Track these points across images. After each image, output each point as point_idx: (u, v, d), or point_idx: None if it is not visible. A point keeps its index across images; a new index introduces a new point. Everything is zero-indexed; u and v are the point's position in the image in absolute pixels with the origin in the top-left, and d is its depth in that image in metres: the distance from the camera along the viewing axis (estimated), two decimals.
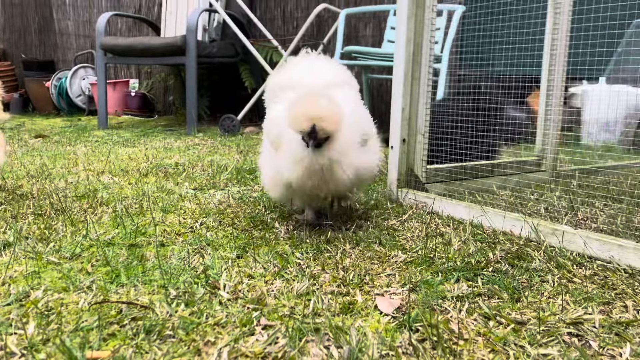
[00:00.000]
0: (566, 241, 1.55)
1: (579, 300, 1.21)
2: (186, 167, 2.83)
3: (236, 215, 1.88)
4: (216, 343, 1.01)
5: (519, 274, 1.36)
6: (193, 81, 4.56)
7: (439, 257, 1.48)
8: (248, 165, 2.88)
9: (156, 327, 1.05)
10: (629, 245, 1.42)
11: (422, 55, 2.08)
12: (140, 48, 4.72)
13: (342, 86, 1.75)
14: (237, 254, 1.48)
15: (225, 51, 5.17)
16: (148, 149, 3.60)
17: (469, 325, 1.09)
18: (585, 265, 1.42)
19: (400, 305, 1.17)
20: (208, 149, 3.59)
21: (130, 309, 1.14)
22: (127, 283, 1.28)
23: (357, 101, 1.79)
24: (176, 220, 1.81)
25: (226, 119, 4.60)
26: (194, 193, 2.22)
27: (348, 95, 1.72)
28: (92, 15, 7.16)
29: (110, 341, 1.02)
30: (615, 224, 1.76)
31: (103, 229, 1.70)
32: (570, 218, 1.82)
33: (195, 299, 1.19)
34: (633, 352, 0.99)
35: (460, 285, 1.29)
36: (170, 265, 1.38)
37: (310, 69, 1.75)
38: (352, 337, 1.02)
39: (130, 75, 6.96)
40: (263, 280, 1.31)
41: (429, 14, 2.05)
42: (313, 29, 5.38)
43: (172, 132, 4.72)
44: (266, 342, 1.01)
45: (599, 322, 1.10)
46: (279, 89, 1.74)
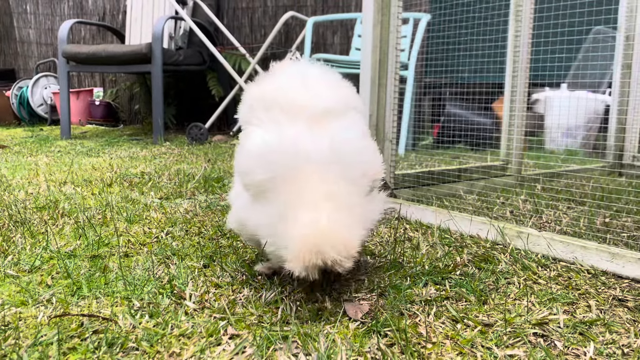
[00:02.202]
0: (531, 243, 1.57)
1: (544, 301, 1.23)
2: (152, 176, 2.78)
3: (203, 224, 1.85)
4: (181, 354, 0.98)
5: (485, 277, 1.37)
6: (159, 89, 4.50)
7: (408, 261, 1.48)
8: (216, 173, 2.85)
9: (119, 340, 1.02)
10: (591, 247, 1.45)
11: (388, 62, 2.10)
12: (105, 56, 4.64)
13: (347, 112, 1.30)
14: (204, 263, 1.45)
15: (192, 59, 5.12)
16: (113, 158, 3.53)
17: (437, 329, 1.09)
18: (550, 267, 1.45)
19: (369, 311, 1.16)
20: (175, 158, 3.54)
21: (91, 321, 1.10)
22: (89, 295, 1.24)
23: (364, 133, 1.34)
24: (141, 230, 1.77)
25: (194, 127, 4.55)
26: (160, 202, 2.18)
27: (356, 128, 1.30)
28: (54, 23, 7.01)
29: (71, 355, 0.98)
30: (578, 226, 1.80)
31: (64, 240, 1.65)
32: (535, 221, 1.86)
33: (160, 309, 1.16)
34: (597, 350, 1.01)
35: (428, 289, 1.29)
36: (134, 276, 1.35)
37: (303, 82, 1.31)
38: (320, 343, 1.01)
39: (94, 84, 6.83)
40: (230, 289, 1.29)
41: (394, 22, 2.07)
42: (281, 37, 5.38)
43: (138, 142, 4.63)
44: (233, 352, 0.99)
45: (564, 322, 1.12)
46: (261, 107, 1.28)
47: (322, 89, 1.29)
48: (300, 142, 1.17)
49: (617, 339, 1.06)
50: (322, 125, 1.22)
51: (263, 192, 1.18)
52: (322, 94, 1.28)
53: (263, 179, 1.17)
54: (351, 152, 1.22)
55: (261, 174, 1.17)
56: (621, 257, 1.39)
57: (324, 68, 1.40)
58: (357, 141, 1.26)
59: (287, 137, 1.19)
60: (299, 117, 1.21)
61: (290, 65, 1.40)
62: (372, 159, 1.29)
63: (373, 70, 2.07)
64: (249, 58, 4.81)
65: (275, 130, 1.21)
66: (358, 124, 1.34)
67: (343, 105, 1.31)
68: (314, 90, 1.28)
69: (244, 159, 1.25)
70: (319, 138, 1.19)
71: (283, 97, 1.26)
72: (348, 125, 1.27)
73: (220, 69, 5.08)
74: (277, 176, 1.15)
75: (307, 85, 1.29)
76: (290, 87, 1.29)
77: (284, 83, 1.32)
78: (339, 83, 1.37)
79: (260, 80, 1.38)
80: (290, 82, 1.31)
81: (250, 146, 1.23)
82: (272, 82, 1.34)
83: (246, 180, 1.23)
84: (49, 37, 7.11)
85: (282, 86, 1.30)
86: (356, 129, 1.30)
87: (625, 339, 1.06)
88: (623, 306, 1.22)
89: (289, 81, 1.32)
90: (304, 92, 1.27)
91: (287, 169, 1.16)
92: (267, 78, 1.37)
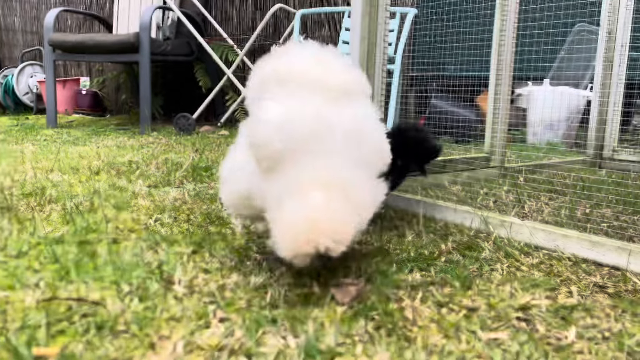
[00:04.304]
0: (514, 232, 1.60)
1: (527, 287, 1.26)
2: (140, 165, 2.77)
3: (192, 211, 1.86)
4: (171, 337, 1.00)
5: (470, 264, 1.40)
6: (146, 79, 4.47)
7: (394, 248, 1.51)
8: (204, 162, 2.85)
9: (108, 323, 1.03)
10: (572, 235, 1.49)
11: (376, 53, 2.11)
12: (91, 45, 4.59)
13: (360, 95, 1.29)
14: (193, 250, 1.46)
15: (180, 49, 5.09)
16: (100, 147, 3.50)
17: (423, 313, 1.11)
18: (532, 254, 1.48)
19: (357, 295, 1.18)
20: (163, 148, 3.53)
21: (80, 305, 1.11)
22: (77, 280, 1.24)
23: (376, 119, 1.31)
24: (129, 217, 1.77)
25: (181, 117, 4.53)
26: (148, 190, 2.18)
27: (367, 113, 1.28)
28: (40, 11, 6.91)
29: (59, 338, 0.98)
30: (559, 215, 1.84)
31: (52, 226, 1.65)
32: (517, 211, 1.89)
33: (149, 294, 1.17)
34: (578, 334, 1.04)
35: (414, 275, 1.32)
36: (122, 262, 1.35)
37: (319, 61, 1.26)
38: (309, 326, 1.03)
39: (80, 73, 6.76)
40: (219, 274, 1.30)
41: (382, 13, 2.08)
42: (269, 29, 5.37)
43: (125, 131, 4.60)
44: (222, 335, 1.00)
45: (546, 307, 1.15)
46: (274, 82, 1.23)
47: (338, 68, 1.26)
48: (323, 115, 1.15)
49: (597, 323, 1.09)
50: (341, 103, 1.20)
51: (278, 164, 1.13)
52: (339, 74, 1.24)
53: (281, 150, 1.11)
54: (372, 133, 1.24)
55: (280, 144, 1.11)
56: (601, 245, 1.43)
57: (333, 50, 1.33)
58: (376, 124, 1.27)
59: (310, 108, 1.15)
60: (318, 93, 1.18)
61: (299, 46, 1.34)
62: (385, 144, 1.32)
63: (361, 61, 2.08)
64: (237, 49, 4.79)
65: (294, 103, 1.16)
66: (369, 110, 1.31)
67: (359, 88, 1.29)
68: (329, 67, 1.24)
69: (261, 129, 1.16)
70: (341, 114, 1.17)
71: (299, 72, 1.22)
72: (365, 107, 1.27)
73: (208, 60, 5.05)
74: (297, 148, 1.11)
75: (323, 64, 1.24)
76: (306, 64, 1.24)
77: (298, 60, 1.26)
78: (351, 66, 1.33)
79: (271, 58, 1.31)
80: (304, 59, 1.26)
81: (269, 116, 1.15)
82: (285, 59, 1.27)
83: (262, 152, 1.16)
84: (35, 25, 7.01)
85: (297, 63, 1.25)
86: (370, 112, 1.29)
87: (605, 323, 1.09)
88: (603, 292, 1.25)
89: (303, 59, 1.26)
90: (321, 69, 1.23)
91: (307, 141, 1.12)
92: (276, 57, 1.29)
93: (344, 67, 1.29)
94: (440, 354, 0.95)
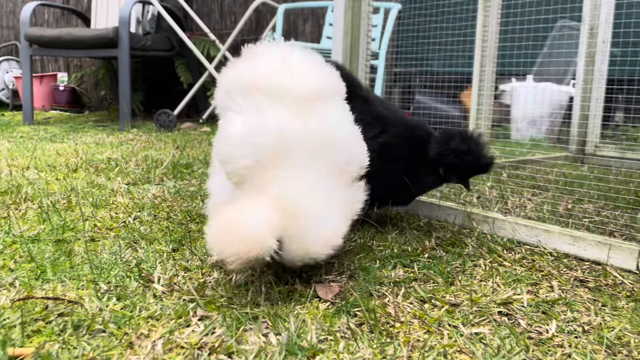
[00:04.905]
0: (497, 228, 1.61)
1: (509, 282, 1.26)
2: (119, 162, 2.73)
3: (172, 209, 1.83)
4: (150, 336, 0.97)
5: (453, 260, 1.40)
6: (126, 75, 4.40)
7: (377, 245, 1.50)
8: (185, 160, 2.81)
9: (85, 322, 1.00)
10: (554, 230, 1.50)
11: (359, 48, 2.10)
12: (69, 39, 4.50)
13: (332, 97, 1.26)
14: (173, 247, 1.44)
15: (160, 44, 5.02)
16: (78, 144, 3.44)
17: (406, 309, 1.11)
18: (515, 250, 1.49)
19: (339, 292, 1.17)
20: (143, 144, 3.48)
21: (56, 304, 1.08)
22: (54, 279, 1.21)
23: (350, 119, 1.30)
24: (108, 215, 1.73)
25: (162, 114, 4.47)
26: (127, 188, 2.14)
27: (340, 113, 1.26)
28: (16, 5, 6.77)
29: (35, 338, 0.96)
30: (542, 211, 1.85)
31: (27, 225, 1.60)
32: (500, 206, 1.90)
33: (128, 292, 1.14)
34: (559, 328, 1.04)
35: (397, 271, 1.31)
36: (100, 260, 1.33)
37: (285, 64, 1.22)
38: (291, 323, 1.01)
39: (58, 69, 6.64)
40: (200, 272, 1.28)
41: (365, 8, 2.07)
42: (251, 24, 5.33)
43: (104, 128, 4.53)
44: (202, 333, 0.98)
45: (527, 301, 1.15)
46: (239, 92, 1.21)
47: (306, 72, 1.22)
48: (285, 126, 1.13)
49: (578, 317, 1.09)
50: (307, 109, 1.18)
51: (246, 179, 1.13)
52: (306, 77, 1.21)
53: (247, 165, 1.11)
54: (344, 139, 1.20)
55: (245, 160, 1.11)
56: (582, 240, 1.44)
57: (305, 50, 1.31)
58: (343, 127, 1.23)
59: (271, 121, 1.14)
60: (282, 101, 1.16)
61: (268, 46, 1.31)
62: (357, 146, 1.27)
63: (344, 56, 2.07)
64: (219, 44, 4.74)
65: (257, 115, 1.15)
66: (344, 110, 1.28)
67: (328, 89, 1.26)
68: (297, 72, 1.20)
69: (225, 146, 1.18)
70: (305, 122, 1.15)
71: (264, 80, 1.19)
72: (334, 110, 1.23)
73: (189, 55, 5.00)
74: (262, 162, 1.10)
75: (289, 68, 1.21)
76: (271, 69, 1.21)
77: (263, 66, 1.23)
78: (322, 66, 1.30)
79: (236, 63, 1.30)
80: (270, 64, 1.23)
81: (231, 132, 1.16)
82: (250, 65, 1.26)
83: (229, 168, 1.16)
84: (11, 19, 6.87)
85: (262, 69, 1.22)
86: (342, 114, 1.27)
87: (585, 317, 1.10)
88: (584, 286, 1.26)
89: (269, 64, 1.24)
90: (286, 73, 1.20)
91: (271, 154, 1.11)
92: (243, 61, 1.29)
93: (313, 68, 1.25)
94: (422, 349, 0.94)
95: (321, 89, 1.22)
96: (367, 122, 1.51)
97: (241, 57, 1.31)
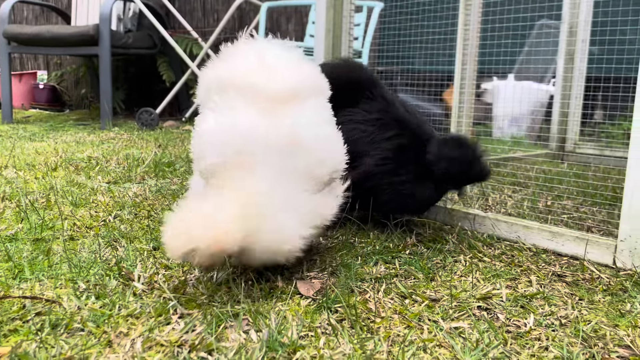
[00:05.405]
0: (477, 224, 1.62)
1: (488, 277, 1.27)
2: (100, 160, 2.70)
3: (153, 207, 1.81)
4: (129, 334, 0.97)
5: (433, 256, 1.41)
6: (107, 73, 4.35)
7: (359, 242, 1.50)
8: (167, 158, 2.79)
9: (63, 321, 0.99)
10: (533, 226, 1.52)
11: (341, 46, 2.10)
12: (49, 37, 4.44)
13: (310, 95, 1.24)
14: (154, 246, 1.43)
15: (142, 42, 4.98)
16: (58, 143, 3.40)
17: (386, 304, 1.11)
18: (495, 246, 1.50)
19: (321, 288, 1.17)
20: (124, 143, 3.44)
21: (34, 303, 1.07)
22: (32, 278, 1.19)
23: (328, 119, 1.28)
24: (87, 214, 1.71)
25: (144, 112, 4.43)
26: (108, 186, 2.12)
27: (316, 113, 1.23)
28: None
29: (12, 337, 0.94)
30: (522, 207, 1.87)
31: (5, 224, 1.58)
32: (481, 203, 1.92)
33: (107, 291, 1.13)
34: (536, 321, 1.06)
35: (378, 267, 1.32)
36: (79, 259, 1.31)
37: (261, 62, 1.21)
38: (271, 320, 1.01)
39: (38, 67, 6.54)
40: (181, 270, 1.27)
41: (347, 6, 2.08)
42: (234, 22, 5.30)
43: (85, 127, 4.48)
44: (182, 331, 0.98)
45: (506, 296, 1.17)
46: (216, 90, 1.22)
47: (282, 69, 1.21)
48: (255, 126, 1.13)
49: (555, 311, 1.11)
50: (281, 108, 1.17)
51: (214, 176, 1.13)
52: (282, 75, 1.20)
53: (214, 163, 1.12)
54: (315, 142, 1.18)
55: (212, 158, 1.12)
56: (561, 235, 1.46)
57: (284, 46, 1.30)
58: (316, 127, 1.21)
59: (240, 120, 1.15)
60: (256, 100, 1.16)
61: (247, 44, 1.30)
62: (332, 147, 1.24)
63: (326, 54, 2.07)
64: (202, 42, 4.71)
65: (228, 114, 1.15)
66: (321, 109, 1.27)
67: (306, 87, 1.24)
68: (273, 70, 1.20)
69: (197, 143, 1.19)
70: (276, 122, 1.14)
71: (239, 78, 1.19)
72: (310, 109, 1.21)
73: (171, 53, 4.96)
74: (228, 161, 1.11)
75: (265, 65, 1.21)
76: (246, 67, 1.22)
77: (240, 64, 1.24)
78: (301, 62, 1.28)
79: (216, 61, 1.31)
80: (246, 62, 1.23)
81: (203, 130, 1.18)
82: (229, 63, 1.26)
83: (199, 165, 1.18)
84: None
85: (238, 67, 1.23)
86: (318, 113, 1.24)
87: (563, 310, 1.11)
88: (562, 281, 1.28)
89: (245, 62, 1.24)
90: (262, 72, 1.19)
91: (236, 153, 1.11)
92: (223, 59, 1.29)
93: (290, 67, 1.24)
94: (402, 344, 0.95)
95: (297, 88, 1.21)
96: (385, 122, 1.51)
97: (220, 55, 1.31)
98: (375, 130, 1.53)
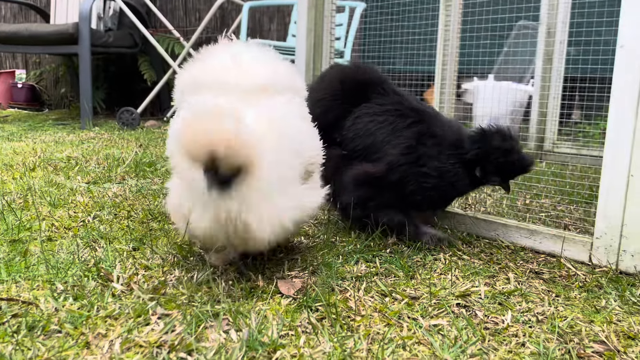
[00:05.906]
0: (457, 222, 1.64)
1: (467, 275, 1.29)
2: (79, 160, 2.67)
3: (133, 207, 1.80)
4: (107, 335, 0.96)
5: (414, 254, 1.42)
6: (87, 72, 4.30)
7: (340, 241, 1.51)
8: (148, 158, 2.77)
9: (40, 323, 0.98)
10: (511, 224, 1.54)
11: (323, 46, 2.11)
12: (27, 35, 4.36)
13: (283, 92, 1.26)
14: (134, 246, 1.42)
15: (123, 41, 4.92)
16: (36, 142, 3.35)
17: (367, 303, 1.12)
18: (473, 244, 1.52)
19: (302, 287, 1.18)
20: (105, 143, 3.40)
21: (10, 305, 1.05)
22: (8, 280, 1.18)
23: (302, 115, 1.31)
24: (66, 215, 1.69)
25: (125, 112, 4.38)
26: (87, 187, 2.10)
27: (288, 107, 1.25)
28: None
29: None
30: (501, 206, 1.90)
31: None
32: (461, 202, 1.94)
33: (85, 292, 1.12)
34: (514, 318, 1.08)
35: (359, 266, 1.33)
36: (57, 260, 1.29)
37: (235, 61, 1.25)
38: (252, 320, 1.01)
39: (16, 66, 6.43)
40: (161, 270, 1.26)
41: (328, 6, 2.08)
42: (216, 22, 5.28)
43: (64, 126, 4.42)
44: (162, 331, 0.97)
45: (485, 293, 1.18)
46: (190, 88, 1.26)
47: (255, 67, 1.24)
48: None
49: (532, 307, 1.13)
50: (250, 100, 1.18)
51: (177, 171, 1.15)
52: (254, 72, 1.23)
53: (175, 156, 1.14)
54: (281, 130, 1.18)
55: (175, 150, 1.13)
56: (539, 233, 1.48)
57: (262, 48, 1.33)
58: (289, 120, 1.22)
59: None
60: (226, 94, 1.17)
61: (224, 46, 1.33)
62: (306, 140, 1.26)
63: (308, 54, 2.07)
64: (183, 42, 4.68)
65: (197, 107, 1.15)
66: (295, 105, 1.28)
67: (281, 84, 1.26)
68: (245, 68, 1.23)
69: (168, 142, 1.23)
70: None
71: (210, 76, 1.23)
72: (281, 104, 1.22)
73: (152, 52, 4.91)
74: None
75: (238, 64, 1.23)
76: (219, 66, 1.24)
77: (213, 64, 1.27)
78: (277, 62, 1.31)
79: (191, 63, 1.33)
80: (220, 62, 1.26)
81: (173, 130, 1.20)
82: (203, 63, 1.29)
83: (172, 163, 1.19)
84: None
85: (211, 67, 1.26)
86: (290, 109, 1.25)
87: (539, 307, 1.13)
88: (539, 278, 1.30)
89: (219, 61, 1.26)
90: (234, 70, 1.22)
91: None
92: (198, 61, 1.31)
93: (264, 64, 1.27)
94: (381, 341, 0.96)
95: (267, 84, 1.23)
96: (402, 112, 1.54)
97: (196, 57, 1.33)
98: (395, 119, 1.53)
